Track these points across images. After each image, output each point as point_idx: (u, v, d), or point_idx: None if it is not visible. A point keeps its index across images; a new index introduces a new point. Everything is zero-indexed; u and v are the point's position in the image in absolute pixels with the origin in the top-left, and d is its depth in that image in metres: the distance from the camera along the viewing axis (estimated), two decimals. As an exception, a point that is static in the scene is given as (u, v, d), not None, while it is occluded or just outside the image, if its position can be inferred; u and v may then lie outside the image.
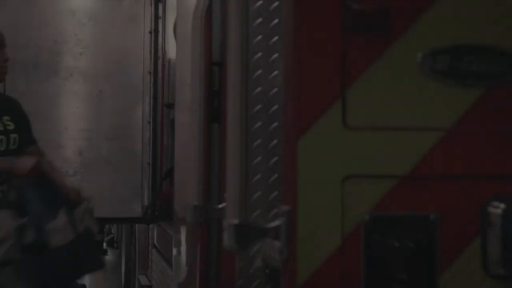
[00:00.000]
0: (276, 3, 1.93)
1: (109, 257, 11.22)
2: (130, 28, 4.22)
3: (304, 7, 1.50)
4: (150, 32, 4.28)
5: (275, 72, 1.93)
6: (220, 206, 2.07)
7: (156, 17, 4.29)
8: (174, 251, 3.03)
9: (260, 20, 1.93)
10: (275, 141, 1.91)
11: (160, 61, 4.32)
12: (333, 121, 1.49)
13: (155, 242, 4.48)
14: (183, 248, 2.82)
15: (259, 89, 1.93)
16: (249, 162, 1.74)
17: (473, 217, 1.53)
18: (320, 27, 1.50)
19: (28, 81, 4.02)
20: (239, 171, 1.50)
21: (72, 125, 4.22)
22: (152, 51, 4.28)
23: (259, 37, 1.93)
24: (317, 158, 1.48)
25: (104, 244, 12.02)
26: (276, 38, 1.93)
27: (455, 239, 1.52)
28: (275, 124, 1.92)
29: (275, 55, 1.93)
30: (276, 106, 1.93)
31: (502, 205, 1.52)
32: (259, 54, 1.93)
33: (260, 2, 1.93)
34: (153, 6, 4.28)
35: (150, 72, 4.28)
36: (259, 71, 1.93)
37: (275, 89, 1.93)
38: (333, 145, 1.49)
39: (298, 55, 1.49)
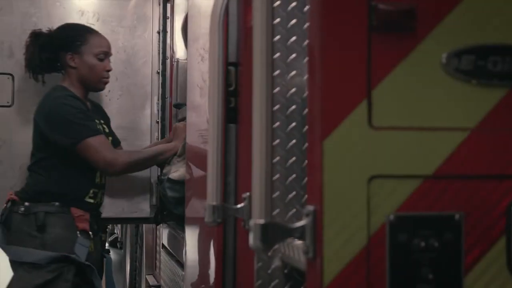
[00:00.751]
0: (294, 3, 1.93)
1: (112, 257, 11.21)
2: (138, 28, 4.21)
3: (329, 7, 1.50)
4: (159, 32, 4.27)
5: (293, 72, 1.94)
6: (239, 206, 2.07)
7: (164, 17, 4.29)
8: (186, 252, 3.03)
9: (278, 20, 1.93)
10: (293, 141, 1.91)
11: (168, 61, 4.31)
12: (359, 122, 1.49)
13: (164, 242, 4.47)
14: (197, 248, 2.82)
15: (277, 89, 1.93)
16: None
17: (497, 217, 1.54)
18: (345, 28, 1.50)
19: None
20: (265, 171, 1.50)
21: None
22: (161, 51, 4.27)
23: (277, 37, 1.93)
24: (342, 158, 1.49)
25: (107, 244, 12.02)
26: (294, 38, 1.93)
27: (479, 239, 1.53)
28: (293, 124, 1.92)
29: (293, 55, 1.93)
30: (294, 106, 1.93)
31: (527, 205, 1.52)
32: (277, 55, 1.93)
33: (278, 2, 1.93)
34: (161, 6, 4.27)
35: (158, 72, 4.27)
36: (277, 72, 1.93)
37: (293, 89, 1.93)
38: (359, 145, 1.49)
39: (323, 56, 1.50)
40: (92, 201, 3.70)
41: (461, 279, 1.51)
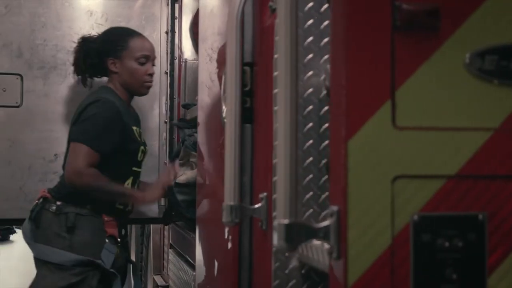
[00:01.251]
0: (310, 4, 1.93)
1: (116, 257, 11.20)
2: (146, 28, 4.21)
3: (352, 7, 1.50)
4: (167, 32, 4.28)
5: (310, 73, 1.94)
6: (256, 206, 2.07)
7: (173, 17, 4.29)
8: (198, 252, 3.03)
9: (294, 20, 1.93)
10: (310, 142, 1.92)
11: (176, 61, 4.32)
12: (383, 122, 1.49)
13: (172, 242, 4.47)
14: (210, 249, 2.82)
15: (294, 89, 1.93)
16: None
17: (521, 217, 1.54)
18: (369, 28, 1.50)
19: (46, 81, 4.02)
20: (289, 171, 1.50)
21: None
22: (169, 51, 4.27)
23: (294, 37, 1.93)
24: (366, 158, 1.49)
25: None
26: (311, 38, 1.93)
27: (503, 240, 1.53)
28: (310, 124, 1.92)
29: (310, 56, 1.94)
30: (311, 107, 1.93)
31: (550, 205, 1.52)
32: (294, 55, 1.93)
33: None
34: (169, 6, 4.28)
35: (166, 72, 4.28)
36: (294, 72, 1.93)
37: (310, 90, 1.94)
38: (383, 145, 1.49)
39: (347, 56, 1.50)
40: (121, 207, 3.67)
41: (485, 279, 1.51)
